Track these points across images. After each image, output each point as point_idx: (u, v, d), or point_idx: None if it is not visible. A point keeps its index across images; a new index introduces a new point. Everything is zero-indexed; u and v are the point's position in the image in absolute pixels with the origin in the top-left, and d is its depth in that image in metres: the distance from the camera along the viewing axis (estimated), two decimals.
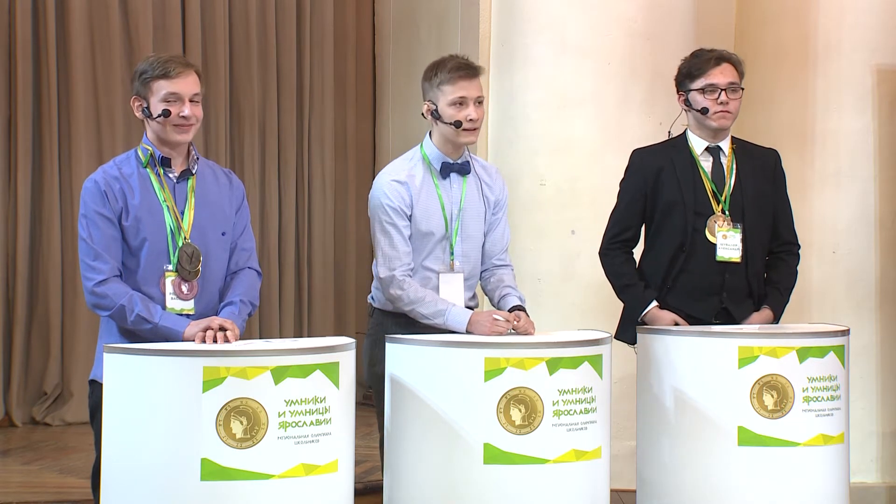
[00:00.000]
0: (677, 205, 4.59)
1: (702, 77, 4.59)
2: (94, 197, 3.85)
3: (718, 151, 4.66)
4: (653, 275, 4.65)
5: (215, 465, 3.50)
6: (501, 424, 3.92)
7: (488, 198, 4.41)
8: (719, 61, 4.61)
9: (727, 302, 4.62)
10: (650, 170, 4.64)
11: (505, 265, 4.44)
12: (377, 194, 4.31)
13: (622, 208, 4.70)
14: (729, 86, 4.59)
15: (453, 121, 4.23)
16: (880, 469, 6.29)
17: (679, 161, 4.62)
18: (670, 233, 4.61)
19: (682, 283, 4.61)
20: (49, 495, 5.32)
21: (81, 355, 7.00)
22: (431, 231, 4.30)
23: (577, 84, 6.00)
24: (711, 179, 4.63)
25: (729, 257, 4.59)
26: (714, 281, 4.60)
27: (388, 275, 4.26)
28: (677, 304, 4.60)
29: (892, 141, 6.26)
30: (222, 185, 4.04)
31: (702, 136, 4.65)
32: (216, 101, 7.41)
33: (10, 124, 7.00)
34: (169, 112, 3.84)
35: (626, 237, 4.70)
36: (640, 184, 4.65)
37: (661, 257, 4.64)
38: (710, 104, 4.57)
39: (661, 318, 4.57)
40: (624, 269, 4.67)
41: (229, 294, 3.96)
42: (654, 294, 4.61)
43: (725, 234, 4.58)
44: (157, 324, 3.77)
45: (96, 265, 3.82)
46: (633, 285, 4.64)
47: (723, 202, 4.61)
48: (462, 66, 4.25)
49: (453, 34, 6.99)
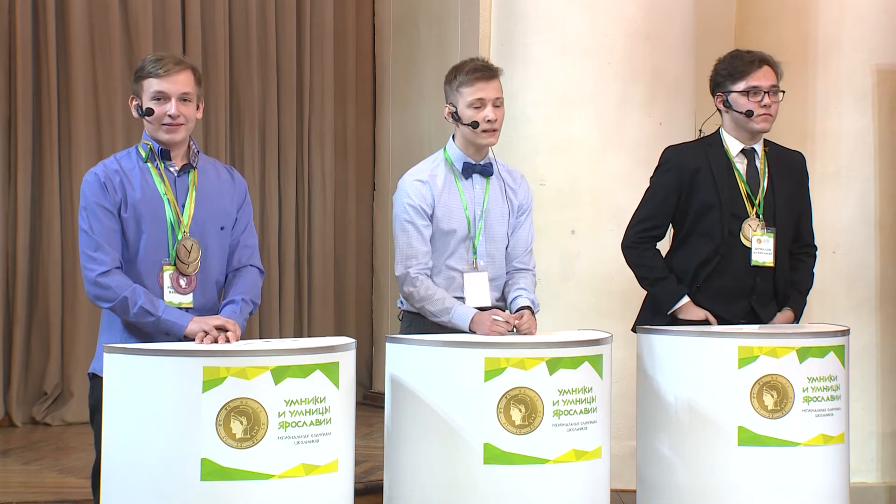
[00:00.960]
0: (713, 206, 4.57)
1: (744, 79, 4.56)
2: (95, 189, 3.85)
3: (753, 154, 4.64)
4: (682, 273, 4.62)
5: (215, 465, 3.50)
6: (501, 424, 3.92)
7: (512, 201, 4.43)
8: (762, 63, 4.58)
9: (756, 304, 4.62)
10: (687, 169, 4.61)
11: (525, 269, 4.45)
12: (399, 194, 4.35)
13: (655, 203, 4.66)
14: (771, 88, 4.58)
15: (471, 122, 4.27)
16: (880, 469, 6.29)
17: (715, 162, 4.60)
18: (705, 234, 4.59)
19: (714, 284, 4.59)
20: (49, 495, 5.32)
21: (81, 355, 7.00)
22: (453, 229, 4.32)
23: (577, 84, 6.00)
24: (746, 182, 4.62)
25: (763, 262, 4.58)
26: (745, 284, 4.60)
27: (404, 272, 4.29)
28: (707, 305, 4.58)
29: (892, 141, 6.26)
30: (223, 180, 4.03)
31: (738, 137, 4.63)
32: (216, 101, 7.41)
33: (10, 124, 6.99)
34: (152, 111, 3.84)
35: (655, 233, 4.68)
36: (675, 182, 4.62)
37: (692, 257, 4.61)
38: (755, 107, 4.55)
39: (694, 312, 4.56)
40: (655, 263, 4.64)
41: (231, 292, 3.96)
42: (685, 289, 4.59)
43: (760, 238, 4.57)
44: (160, 317, 3.77)
45: (98, 256, 3.81)
46: (665, 278, 4.61)
47: (757, 205, 4.60)
48: (480, 69, 4.29)
49: (453, 34, 7.00)
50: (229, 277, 4.00)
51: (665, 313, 4.60)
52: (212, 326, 3.77)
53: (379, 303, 8.11)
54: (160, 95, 3.85)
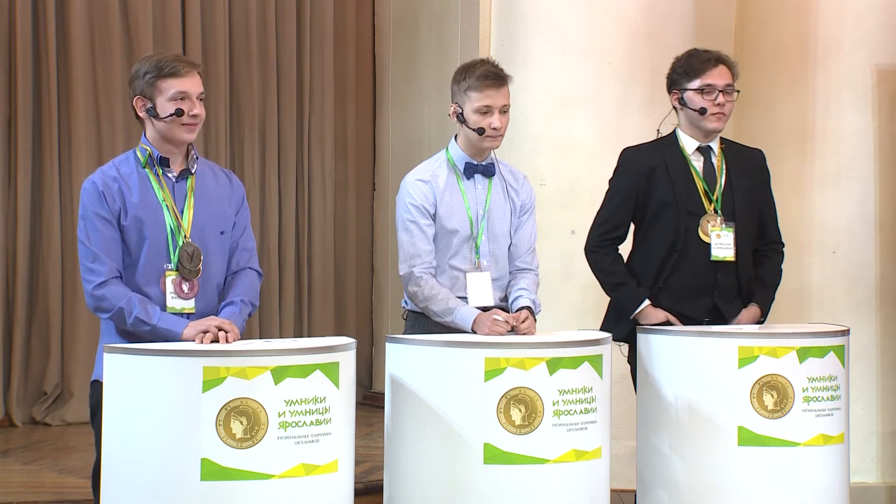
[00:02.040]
0: (670, 205, 4.59)
1: (699, 77, 4.60)
2: (92, 198, 3.84)
3: (709, 151, 4.67)
4: (644, 274, 4.65)
5: (215, 465, 3.50)
6: (501, 424, 3.92)
7: (514, 200, 4.44)
8: (717, 62, 4.62)
9: (718, 301, 4.63)
10: (643, 169, 4.64)
11: (528, 269, 4.45)
12: (401, 194, 4.36)
13: (613, 206, 4.70)
14: (726, 87, 4.60)
15: (477, 127, 4.27)
16: (880, 469, 6.29)
17: (671, 160, 4.63)
18: (662, 232, 4.61)
19: (675, 282, 4.61)
20: (49, 495, 5.32)
21: (81, 355, 7.00)
22: (456, 229, 4.33)
23: (577, 84, 6.00)
24: (703, 179, 4.63)
25: (723, 256, 4.60)
26: (706, 280, 4.61)
27: (407, 272, 4.29)
28: (669, 304, 4.60)
29: (892, 141, 6.26)
30: (222, 184, 4.03)
31: (693, 135, 4.66)
32: (216, 101, 7.41)
33: (10, 124, 6.99)
34: (182, 111, 3.83)
35: (616, 235, 4.70)
36: (632, 182, 4.65)
37: (652, 257, 4.64)
38: (708, 105, 4.58)
39: (654, 315, 4.58)
40: (615, 267, 4.67)
41: (230, 294, 3.96)
42: (646, 292, 4.61)
43: (719, 233, 4.59)
44: (156, 326, 3.77)
45: (94, 267, 3.81)
46: (625, 283, 4.64)
47: (715, 202, 4.62)
48: (490, 75, 4.27)
49: (453, 34, 7.00)
50: (228, 280, 4.00)
51: (628, 318, 4.61)
52: (210, 325, 3.76)
53: (379, 303, 8.11)
54: (183, 95, 3.84)
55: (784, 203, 6.31)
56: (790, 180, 6.30)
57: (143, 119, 3.91)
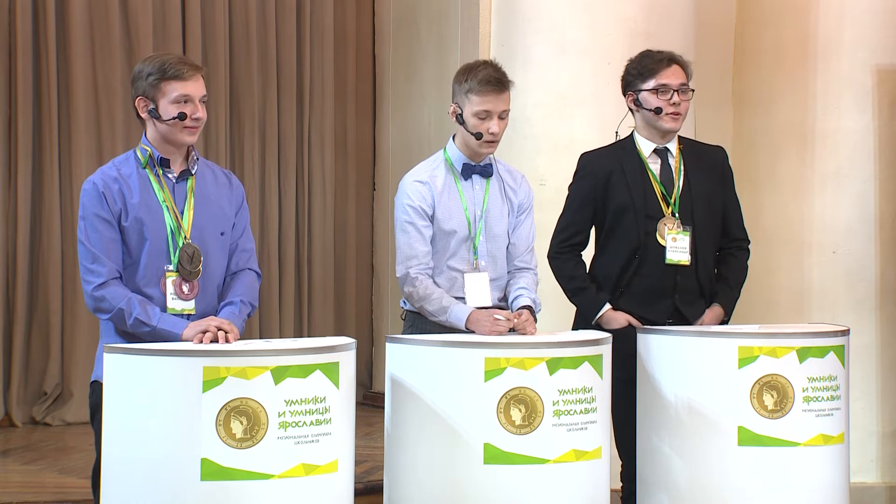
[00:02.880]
0: (628, 209, 4.60)
1: (653, 77, 4.60)
2: (92, 199, 3.83)
3: (666, 153, 4.67)
4: (605, 278, 4.65)
5: (215, 464, 3.50)
6: (501, 424, 3.92)
7: (512, 200, 4.44)
8: (670, 62, 4.63)
9: (679, 303, 4.62)
10: (600, 174, 4.64)
11: (527, 268, 4.45)
12: (399, 195, 4.36)
13: (572, 212, 4.71)
14: (680, 87, 4.61)
15: (475, 132, 4.28)
16: (880, 469, 6.29)
17: (628, 164, 4.63)
18: (622, 237, 4.61)
19: (635, 286, 4.61)
20: (49, 495, 5.32)
21: (81, 355, 7.00)
22: (454, 230, 4.33)
23: (577, 84, 6.00)
24: (660, 182, 4.63)
25: (678, 260, 4.60)
26: (666, 284, 4.61)
27: (404, 273, 4.30)
28: (630, 308, 4.60)
29: (892, 141, 6.26)
30: (222, 185, 4.03)
31: (649, 137, 4.66)
32: (216, 101, 7.41)
33: (10, 124, 6.99)
34: (185, 115, 3.82)
35: (577, 241, 4.71)
36: (589, 188, 4.66)
37: (613, 261, 4.64)
38: (664, 104, 4.58)
39: (615, 319, 4.58)
40: (576, 273, 4.68)
41: (229, 294, 3.96)
42: (606, 297, 4.61)
43: (675, 236, 4.59)
44: (156, 327, 3.76)
45: (94, 268, 3.80)
46: (585, 289, 4.64)
47: (672, 204, 4.62)
48: (492, 81, 4.27)
49: (453, 34, 7.00)
50: (227, 281, 4.00)
51: (590, 323, 4.61)
52: (210, 325, 3.76)
53: (379, 303, 8.11)
54: (186, 98, 3.83)
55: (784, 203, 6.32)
56: (790, 180, 6.30)
57: (145, 120, 3.91)
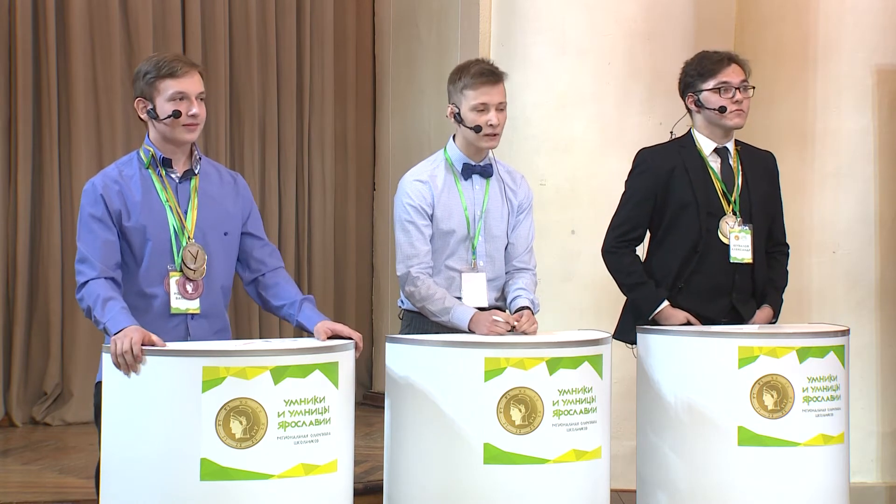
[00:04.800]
0: (690, 205, 4.59)
1: (715, 77, 4.60)
2: (90, 199, 3.83)
3: (726, 152, 4.67)
4: (663, 275, 4.63)
5: (215, 464, 3.50)
6: (501, 424, 3.92)
7: (511, 201, 4.44)
8: (730, 61, 4.63)
9: (736, 302, 4.63)
10: (662, 169, 4.63)
11: (525, 268, 4.45)
12: (399, 194, 4.37)
13: (631, 207, 4.68)
14: (741, 84, 4.61)
15: (474, 125, 4.28)
16: (880, 469, 6.29)
17: (689, 161, 4.63)
18: (682, 233, 4.61)
19: (694, 283, 4.60)
20: (49, 495, 5.32)
21: (81, 355, 7.00)
22: (453, 229, 4.33)
23: (577, 84, 6.00)
24: (721, 180, 4.63)
25: (742, 258, 4.60)
26: (725, 282, 4.61)
27: (405, 272, 4.30)
28: (688, 305, 4.59)
29: (892, 141, 6.26)
30: (226, 185, 4.02)
31: (711, 136, 4.66)
32: (216, 101, 7.41)
33: (10, 125, 6.99)
34: (179, 112, 3.82)
35: (634, 236, 4.69)
36: (650, 183, 4.64)
37: (671, 257, 4.63)
38: (727, 103, 4.58)
39: (674, 316, 4.56)
40: (633, 268, 4.65)
41: (293, 292, 3.97)
42: (665, 293, 4.60)
43: (738, 234, 4.59)
44: (105, 324, 3.66)
45: (81, 269, 3.79)
46: (644, 283, 4.62)
47: (733, 203, 4.62)
48: (485, 73, 4.29)
49: (453, 34, 7.00)
50: (269, 277, 3.99)
51: (646, 319, 4.60)
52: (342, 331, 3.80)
53: (379, 303, 8.11)
54: (181, 96, 3.83)
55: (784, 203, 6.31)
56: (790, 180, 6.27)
57: (145, 120, 3.91)
